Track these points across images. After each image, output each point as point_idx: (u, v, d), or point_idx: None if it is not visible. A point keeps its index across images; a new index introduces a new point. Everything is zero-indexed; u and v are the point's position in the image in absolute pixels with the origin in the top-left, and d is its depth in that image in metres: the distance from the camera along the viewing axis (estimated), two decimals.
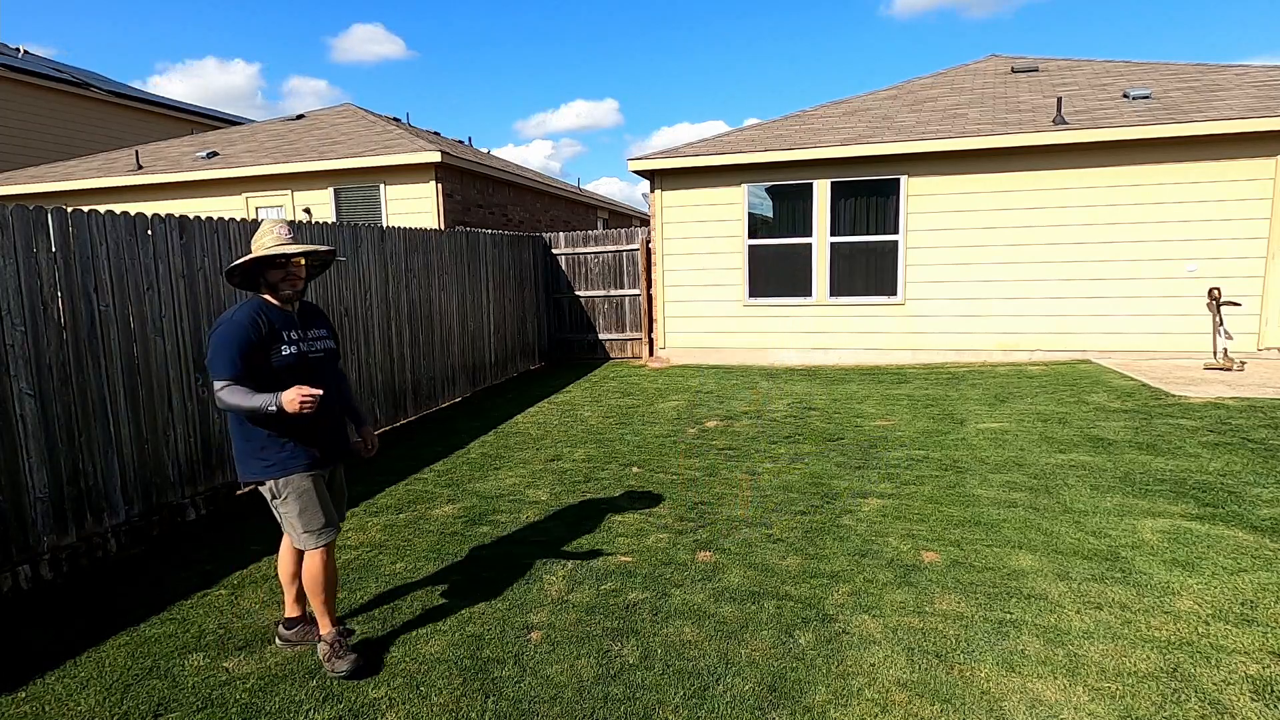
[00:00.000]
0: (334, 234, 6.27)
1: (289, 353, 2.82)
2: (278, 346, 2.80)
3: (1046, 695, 2.62)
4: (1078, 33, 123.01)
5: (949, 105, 10.69)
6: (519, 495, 5.00)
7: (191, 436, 4.82)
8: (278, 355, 2.79)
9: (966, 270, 9.50)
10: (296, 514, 2.89)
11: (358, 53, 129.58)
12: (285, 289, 2.88)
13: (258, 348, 2.74)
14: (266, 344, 2.77)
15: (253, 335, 2.74)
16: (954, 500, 4.56)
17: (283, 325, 2.85)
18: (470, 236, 8.89)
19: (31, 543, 3.82)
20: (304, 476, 2.88)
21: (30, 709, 2.75)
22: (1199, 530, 3.95)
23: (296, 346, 2.86)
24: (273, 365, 2.78)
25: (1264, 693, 2.59)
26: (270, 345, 2.78)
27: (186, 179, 11.86)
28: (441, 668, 2.93)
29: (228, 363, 2.71)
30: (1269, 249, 8.53)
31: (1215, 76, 10.14)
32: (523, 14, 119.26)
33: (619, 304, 11.23)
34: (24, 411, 3.79)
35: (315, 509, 2.90)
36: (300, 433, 2.85)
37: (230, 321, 2.75)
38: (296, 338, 2.88)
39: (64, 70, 16.87)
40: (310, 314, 3.05)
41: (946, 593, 3.39)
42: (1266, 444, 5.35)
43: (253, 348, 2.73)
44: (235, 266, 2.85)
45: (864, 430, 6.32)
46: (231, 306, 2.84)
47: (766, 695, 2.69)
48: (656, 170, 10.44)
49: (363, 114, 14.36)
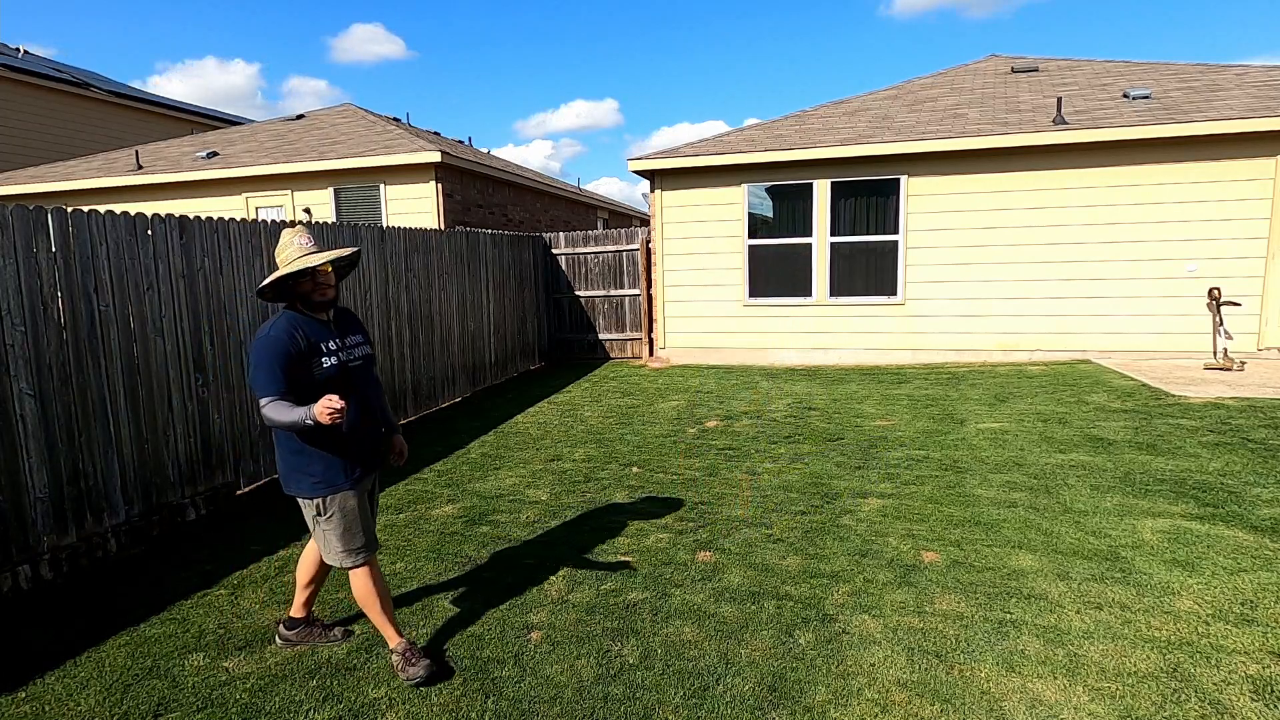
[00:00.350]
0: (334, 234, 6.27)
1: (330, 364, 2.76)
2: (318, 359, 2.74)
3: (1046, 695, 2.62)
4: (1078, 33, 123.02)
5: (949, 105, 10.69)
6: (519, 495, 5.00)
7: (191, 436, 4.82)
8: (319, 368, 2.74)
9: (966, 270, 9.50)
10: (339, 534, 2.83)
11: (357, 53, 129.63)
12: (317, 298, 2.80)
13: (297, 361, 2.69)
14: (306, 357, 2.71)
15: (291, 349, 2.68)
16: (954, 500, 4.56)
17: (320, 337, 2.78)
18: (470, 236, 8.89)
19: (31, 543, 3.81)
20: (350, 494, 2.83)
21: (30, 709, 2.75)
22: (1199, 530, 3.95)
23: (336, 357, 2.80)
24: (315, 379, 2.72)
25: (1264, 693, 2.59)
26: (310, 358, 2.72)
27: (186, 179, 11.86)
28: (444, 658, 2.93)
29: (269, 378, 2.65)
30: (1269, 249, 8.53)
31: (1215, 76, 10.14)
32: (523, 14, 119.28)
33: (619, 304, 11.23)
34: (24, 411, 3.79)
35: (357, 528, 2.85)
36: (344, 445, 2.80)
37: (267, 337, 2.69)
38: (335, 348, 2.81)
39: (64, 70, 16.87)
40: (346, 321, 2.99)
41: (946, 593, 3.39)
42: (1266, 444, 5.35)
43: (292, 361, 2.67)
44: (265, 285, 2.78)
45: (864, 430, 6.32)
46: (268, 320, 2.79)
47: (766, 695, 2.69)
48: (656, 170, 10.43)
49: (363, 114, 14.36)
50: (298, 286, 2.79)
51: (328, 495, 2.80)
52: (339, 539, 2.83)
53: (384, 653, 3.04)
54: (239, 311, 5.24)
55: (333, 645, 3.12)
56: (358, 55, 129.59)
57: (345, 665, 2.98)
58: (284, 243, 2.82)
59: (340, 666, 2.97)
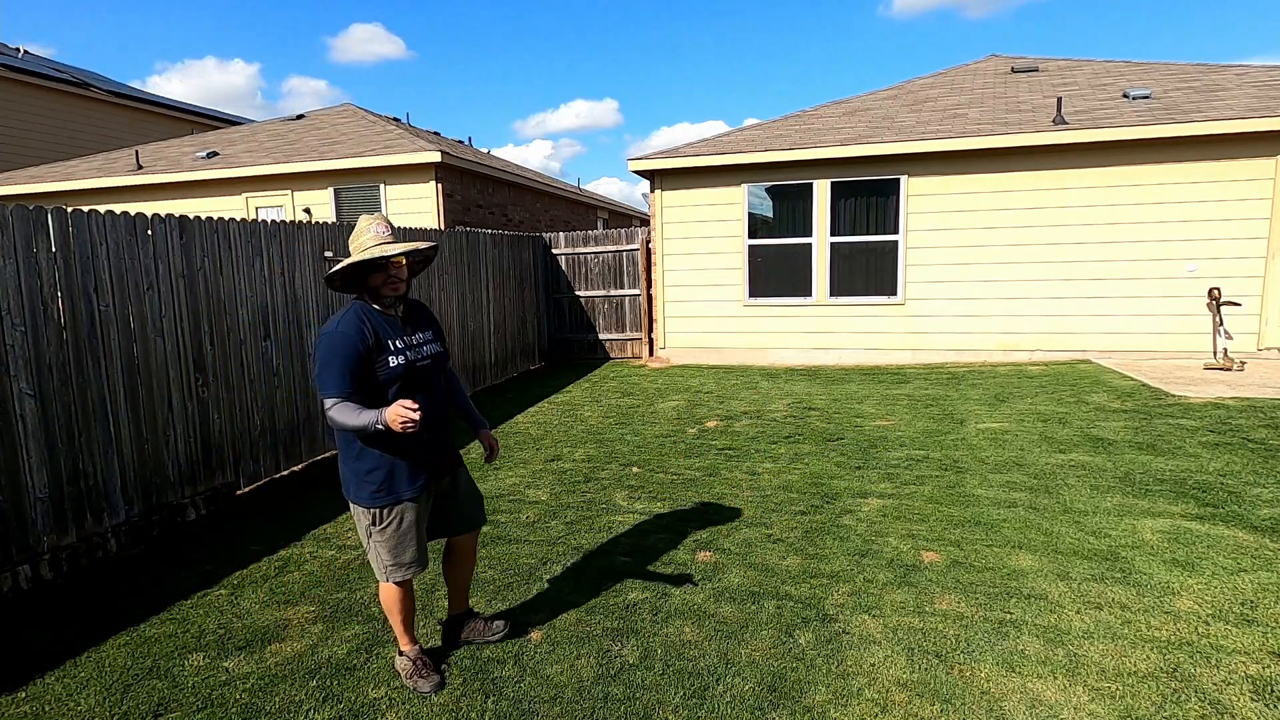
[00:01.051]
0: (334, 234, 6.27)
1: (396, 364, 2.59)
2: (384, 358, 2.57)
3: (1046, 695, 2.62)
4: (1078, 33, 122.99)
5: (949, 105, 10.69)
6: (519, 495, 5.00)
7: (191, 436, 4.82)
8: (385, 368, 2.57)
9: (967, 270, 9.50)
10: (389, 546, 2.68)
11: (357, 53, 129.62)
12: (388, 292, 2.64)
13: (364, 360, 2.53)
14: (372, 355, 2.55)
15: (359, 347, 2.52)
16: (954, 500, 4.56)
17: (387, 334, 2.61)
18: (470, 236, 8.89)
19: (31, 543, 3.82)
20: (411, 507, 2.68)
21: (30, 709, 2.75)
22: (1199, 530, 3.95)
23: (403, 356, 2.62)
24: (380, 379, 2.58)
25: (1264, 693, 2.59)
26: (376, 357, 2.56)
27: (186, 179, 11.86)
28: (441, 668, 2.93)
29: (335, 379, 2.49)
30: (1269, 249, 8.53)
31: (1215, 76, 10.14)
32: (523, 14, 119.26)
33: (619, 304, 11.23)
34: (24, 411, 3.79)
35: (410, 542, 2.70)
36: (410, 451, 2.65)
37: (335, 333, 2.52)
38: (402, 346, 2.64)
39: (64, 70, 16.87)
40: (416, 315, 2.80)
41: (946, 593, 3.39)
42: (1266, 444, 5.35)
43: (360, 360, 2.51)
44: (335, 272, 2.62)
45: (864, 430, 6.32)
46: (335, 314, 2.65)
47: (766, 695, 2.69)
48: (656, 170, 10.43)
49: (363, 114, 14.36)
50: (369, 278, 2.64)
51: (387, 506, 2.65)
52: (389, 552, 2.69)
53: (385, 653, 3.04)
54: (239, 311, 5.24)
55: (493, 637, 3.10)
56: (357, 55, 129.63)
57: (345, 665, 2.98)
58: (360, 229, 2.66)
59: (340, 666, 2.97)
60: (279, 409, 5.62)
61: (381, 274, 2.62)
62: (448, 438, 2.86)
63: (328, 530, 4.48)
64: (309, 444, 5.95)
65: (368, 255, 2.56)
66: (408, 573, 2.73)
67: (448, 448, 2.86)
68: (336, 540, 4.31)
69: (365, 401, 2.54)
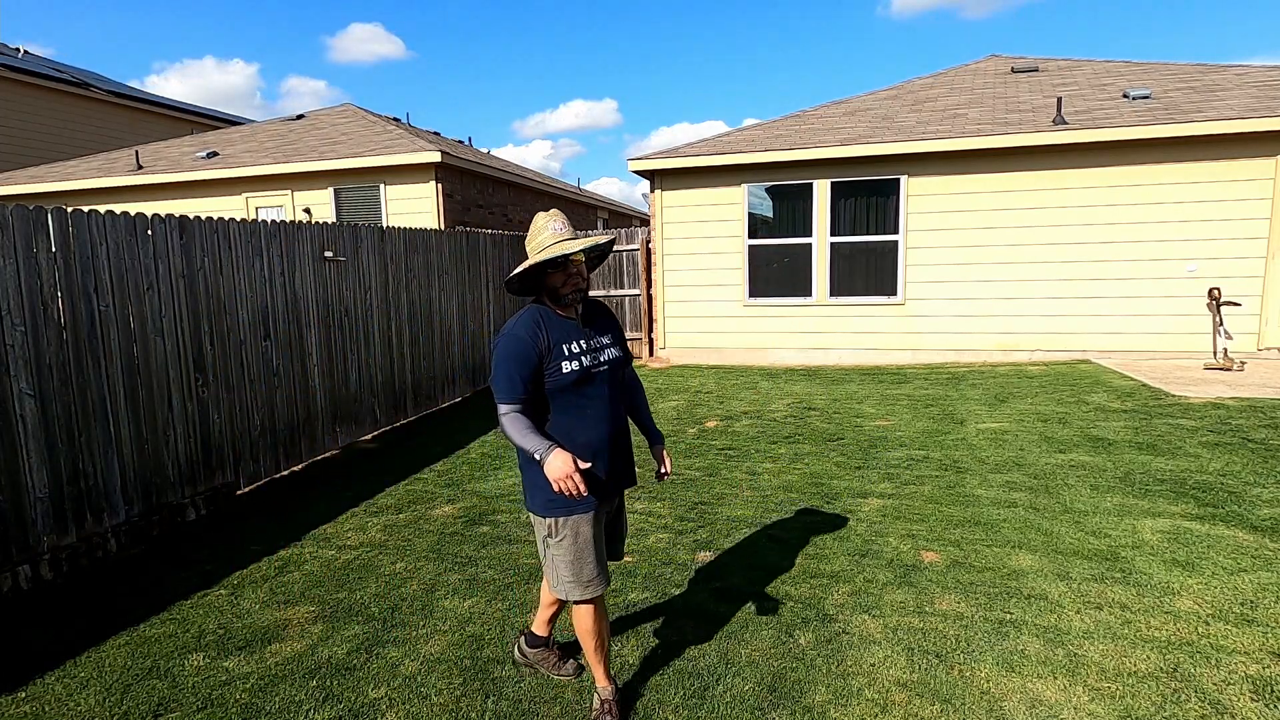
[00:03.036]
0: (334, 234, 6.27)
1: (571, 369, 2.43)
2: (558, 362, 2.42)
3: (1046, 695, 2.62)
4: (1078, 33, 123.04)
5: (949, 105, 10.69)
6: (519, 495, 5.00)
7: (191, 436, 4.82)
8: (558, 373, 2.41)
9: (966, 270, 9.50)
10: (568, 561, 2.49)
11: (356, 52, 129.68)
12: (566, 292, 2.47)
13: (537, 364, 2.40)
14: (543, 360, 2.41)
15: (534, 351, 2.39)
16: (954, 500, 4.56)
17: (562, 337, 2.45)
18: (470, 237, 8.88)
19: (31, 543, 3.82)
20: (586, 520, 2.48)
21: (30, 709, 2.75)
22: (1199, 530, 3.95)
23: (579, 361, 2.45)
24: (553, 384, 2.42)
25: (1264, 693, 2.59)
26: (549, 361, 2.41)
27: (186, 179, 11.86)
28: (441, 668, 2.93)
29: (508, 383, 2.37)
30: (1269, 249, 8.53)
31: (1215, 76, 10.14)
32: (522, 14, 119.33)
33: (619, 304, 11.23)
34: (24, 411, 3.79)
35: (589, 557, 2.49)
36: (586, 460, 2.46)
37: (510, 335, 2.40)
38: (578, 350, 2.47)
39: (64, 70, 16.87)
40: (596, 316, 2.63)
41: (946, 593, 3.39)
42: (1266, 444, 5.35)
43: (531, 365, 2.39)
44: (514, 275, 2.48)
45: (864, 430, 6.32)
46: (512, 316, 2.53)
47: (766, 695, 2.69)
48: (656, 170, 10.43)
49: (363, 114, 14.35)
50: (547, 279, 2.48)
51: (562, 517, 2.47)
52: (568, 567, 2.49)
53: (385, 653, 3.04)
54: (239, 311, 5.24)
55: (562, 676, 2.86)
56: (357, 55, 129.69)
57: (345, 665, 2.98)
58: (537, 227, 2.51)
59: (340, 666, 2.97)
60: (279, 409, 5.62)
61: (561, 273, 2.46)
62: (627, 450, 2.65)
63: (328, 530, 4.48)
64: (309, 444, 5.95)
65: (547, 255, 2.41)
66: (588, 591, 2.50)
67: (628, 464, 2.67)
68: (336, 540, 4.31)
69: (539, 407, 2.44)
